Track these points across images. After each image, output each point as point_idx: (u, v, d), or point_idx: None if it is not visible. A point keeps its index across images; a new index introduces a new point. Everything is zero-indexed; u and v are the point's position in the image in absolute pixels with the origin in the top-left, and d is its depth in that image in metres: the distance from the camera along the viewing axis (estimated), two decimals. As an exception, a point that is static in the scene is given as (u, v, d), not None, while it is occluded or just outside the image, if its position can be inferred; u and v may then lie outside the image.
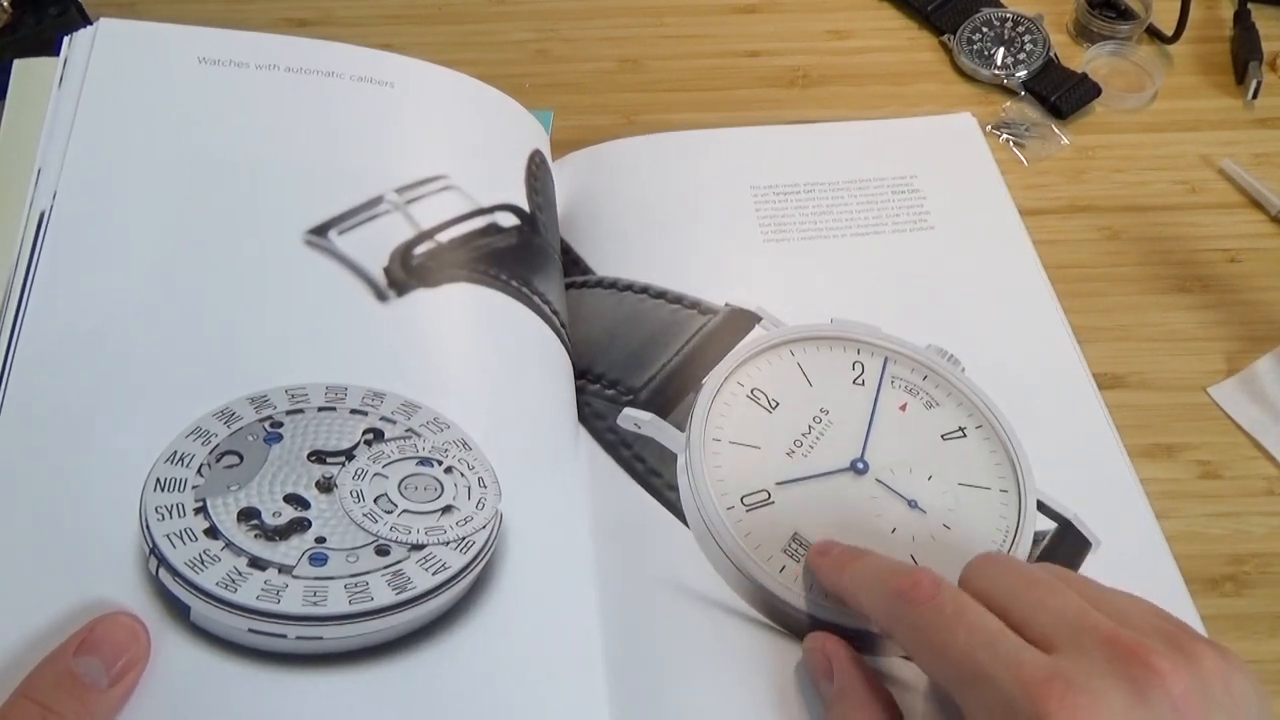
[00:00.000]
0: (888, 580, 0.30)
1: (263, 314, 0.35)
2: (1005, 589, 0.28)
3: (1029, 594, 0.28)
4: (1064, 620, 0.27)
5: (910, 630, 0.28)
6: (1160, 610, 0.29)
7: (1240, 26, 0.55)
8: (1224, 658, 0.26)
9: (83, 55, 0.39)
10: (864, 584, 0.31)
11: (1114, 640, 0.26)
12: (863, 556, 0.33)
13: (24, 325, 0.34)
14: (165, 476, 0.32)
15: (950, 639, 0.27)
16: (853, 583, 0.32)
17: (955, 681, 0.27)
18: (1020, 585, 0.28)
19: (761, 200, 0.46)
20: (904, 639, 0.29)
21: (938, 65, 0.55)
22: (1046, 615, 0.27)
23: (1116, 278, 0.46)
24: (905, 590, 0.29)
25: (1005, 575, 0.29)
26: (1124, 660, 0.25)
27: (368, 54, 0.42)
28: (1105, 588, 0.30)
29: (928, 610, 0.28)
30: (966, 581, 0.30)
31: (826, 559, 0.34)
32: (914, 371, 0.40)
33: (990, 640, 0.26)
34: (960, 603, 0.28)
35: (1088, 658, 0.25)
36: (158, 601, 0.30)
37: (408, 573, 0.32)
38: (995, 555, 0.31)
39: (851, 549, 0.34)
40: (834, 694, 0.31)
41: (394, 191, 0.39)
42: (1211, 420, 0.42)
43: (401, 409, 0.35)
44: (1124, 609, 0.28)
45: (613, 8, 0.57)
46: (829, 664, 0.31)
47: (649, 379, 0.40)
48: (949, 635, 0.27)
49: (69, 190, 0.36)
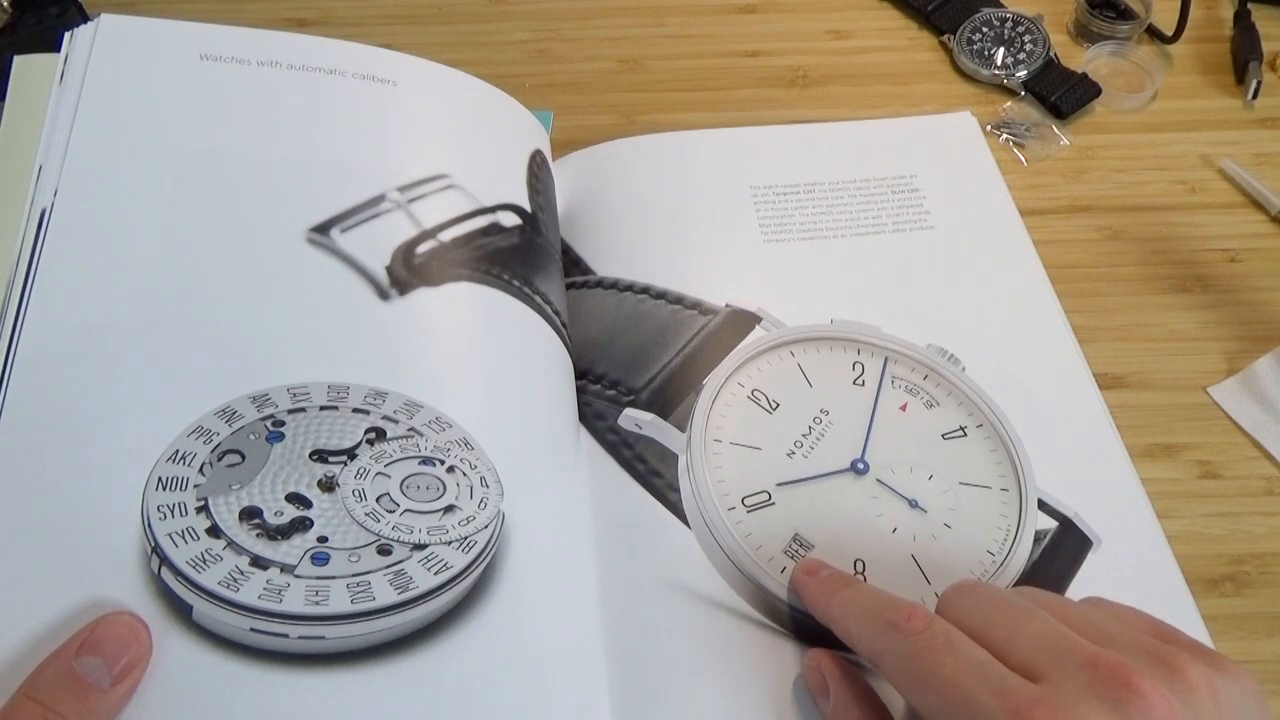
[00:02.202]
0: (881, 611, 0.30)
1: (264, 312, 0.35)
2: (982, 618, 0.28)
3: (1006, 621, 0.28)
4: (1044, 645, 0.27)
5: (898, 659, 0.28)
6: (1143, 618, 0.29)
7: (1240, 26, 0.55)
8: (1213, 666, 0.26)
9: (83, 51, 0.38)
10: (853, 613, 0.31)
11: (1095, 662, 0.26)
12: (852, 584, 0.33)
13: (25, 324, 0.33)
14: (167, 475, 0.32)
15: (938, 667, 0.27)
16: (841, 610, 0.32)
17: (940, 709, 0.27)
18: (997, 613, 0.28)
19: (761, 200, 0.46)
20: (891, 667, 0.29)
21: (938, 65, 0.55)
22: (1026, 641, 0.27)
23: (1116, 278, 0.47)
24: (899, 621, 0.29)
25: (981, 603, 0.29)
26: (1106, 683, 0.25)
27: (370, 52, 0.42)
28: (1082, 605, 0.30)
29: (919, 639, 0.28)
30: (943, 612, 0.30)
31: (814, 580, 0.33)
32: (914, 371, 0.40)
33: (977, 669, 0.27)
34: (951, 634, 0.28)
35: (1071, 682, 0.25)
36: (159, 601, 0.30)
37: (410, 572, 0.31)
38: (970, 583, 0.31)
39: (840, 575, 0.34)
40: (830, 713, 0.31)
41: (396, 190, 0.39)
42: (1211, 420, 0.42)
43: (404, 408, 0.35)
44: (1104, 626, 0.28)
45: (613, 8, 0.57)
46: (822, 683, 0.31)
47: (650, 379, 0.40)
48: (936, 664, 0.27)
49: (70, 188, 0.36)
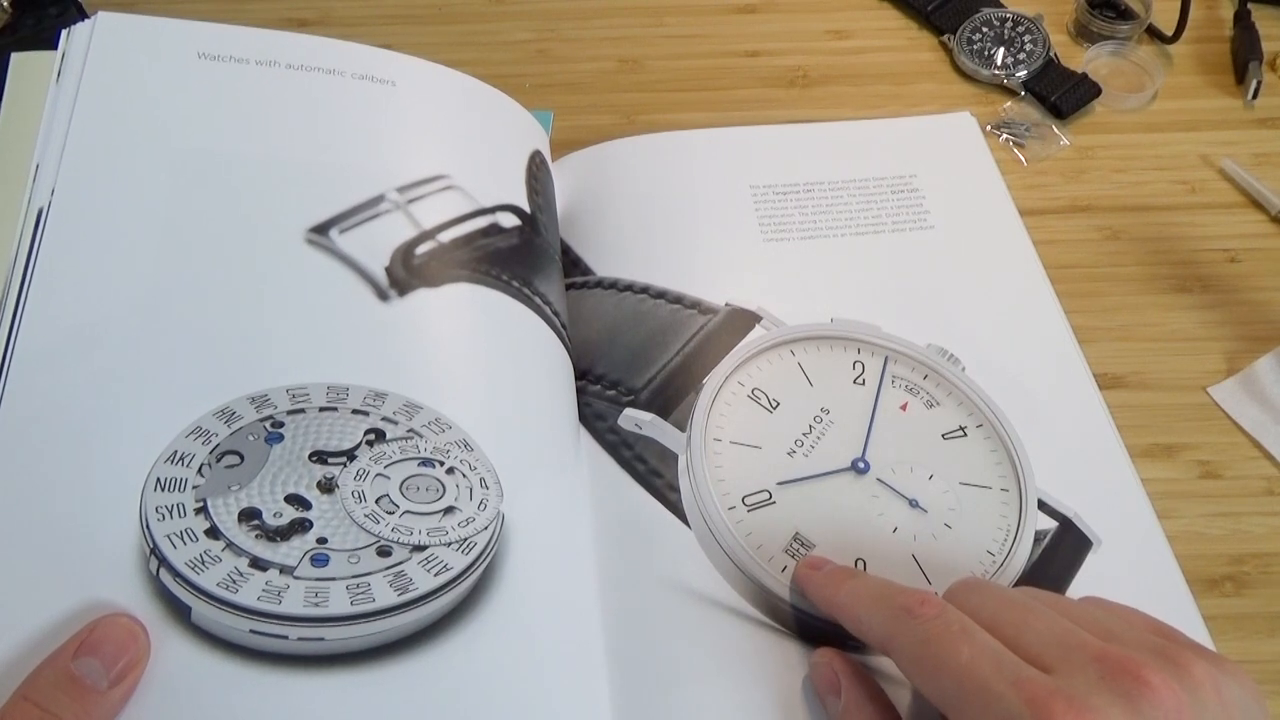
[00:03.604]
0: (892, 597, 0.30)
1: (263, 313, 0.35)
2: (990, 612, 0.28)
3: (1012, 616, 0.28)
4: (1053, 640, 0.27)
5: (912, 645, 0.28)
6: (1144, 618, 0.29)
7: (1240, 26, 0.55)
8: (1214, 664, 0.26)
9: (80, 49, 0.38)
10: (863, 600, 0.31)
11: (1104, 657, 0.26)
12: (858, 576, 0.33)
13: (23, 323, 0.33)
14: (166, 476, 0.32)
15: (954, 654, 0.27)
16: (850, 598, 0.31)
17: (955, 696, 0.27)
18: (1003, 608, 0.28)
19: (761, 200, 0.46)
20: (904, 653, 0.29)
21: (938, 65, 0.55)
22: (1034, 635, 0.27)
23: (1116, 278, 0.47)
24: (911, 606, 0.29)
25: (988, 599, 0.29)
26: (1116, 676, 0.25)
27: (369, 52, 0.42)
28: (1083, 604, 0.30)
29: (934, 625, 0.28)
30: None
31: (819, 574, 0.33)
32: (914, 371, 0.40)
33: (994, 657, 0.26)
34: (965, 622, 0.28)
35: (1082, 675, 0.25)
36: (158, 602, 0.30)
37: (409, 574, 0.31)
38: (974, 579, 0.31)
39: (844, 568, 0.34)
40: (840, 712, 0.31)
41: (395, 190, 0.39)
42: (1211, 420, 0.42)
43: (403, 409, 0.34)
44: (1107, 624, 0.28)
45: (613, 8, 0.57)
46: (836, 679, 0.31)
47: (649, 379, 0.40)
48: (953, 650, 0.27)
49: (67, 187, 0.36)
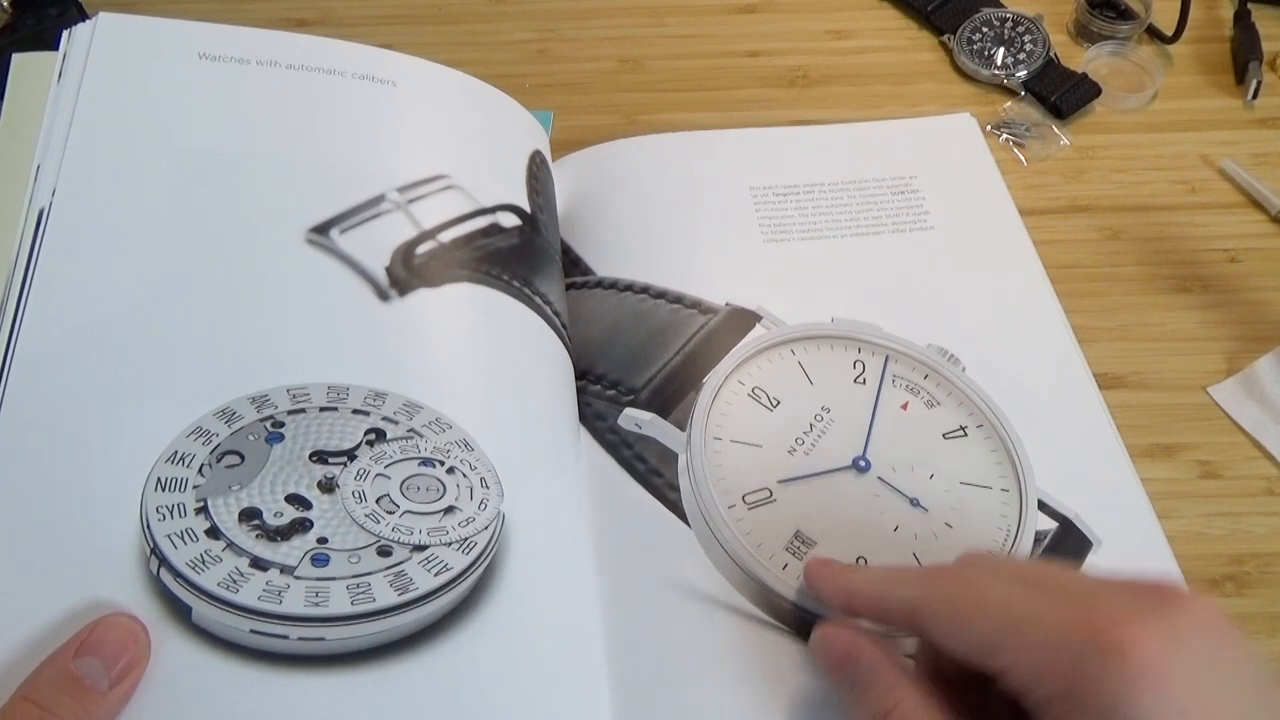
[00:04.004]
0: (908, 569, 0.31)
1: (264, 313, 0.35)
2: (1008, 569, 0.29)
3: (1033, 572, 0.29)
4: (1075, 584, 0.27)
5: (941, 600, 0.28)
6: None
7: (1240, 26, 0.55)
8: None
9: (81, 50, 0.38)
10: (878, 577, 0.31)
11: (1132, 586, 0.26)
12: (869, 566, 0.33)
13: (23, 323, 0.33)
14: (166, 476, 0.32)
15: (989, 593, 0.27)
16: (865, 580, 0.32)
17: (998, 632, 0.27)
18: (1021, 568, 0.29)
19: (761, 200, 0.46)
20: (935, 609, 0.28)
21: (938, 65, 0.55)
22: (1056, 584, 0.27)
23: (1116, 278, 0.46)
24: (931, 571, 0.30)
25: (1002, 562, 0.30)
26: (1148, 597, 0.25)
27: (369, 52, 0.42)
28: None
29: (962, 573, 0.29)
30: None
31: (829, 569, 0.34)
32: (915, 370, 0.40)
33: (1029, 589, 0.27)
34: (989, 564, 0.29)
35: (1118, 598, 0.26)
36: (159, 602, 0.30)
37: (410, 573, 0.31)
38: (980, 552, 0.32)
39: (852, 565, 0.34)
40: (863, 678, 0.30)
41: (396, 190, 0.39)
42: (1211, 420, 0.42)
43: (403, 409, 0.34)
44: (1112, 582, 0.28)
45: (613, 8, 0.57)
46: (846, 651, 0.31)
47: (649, 379, 0.40)
48: (987, 590, 0.27)
49: (68, 187, 0.36)
